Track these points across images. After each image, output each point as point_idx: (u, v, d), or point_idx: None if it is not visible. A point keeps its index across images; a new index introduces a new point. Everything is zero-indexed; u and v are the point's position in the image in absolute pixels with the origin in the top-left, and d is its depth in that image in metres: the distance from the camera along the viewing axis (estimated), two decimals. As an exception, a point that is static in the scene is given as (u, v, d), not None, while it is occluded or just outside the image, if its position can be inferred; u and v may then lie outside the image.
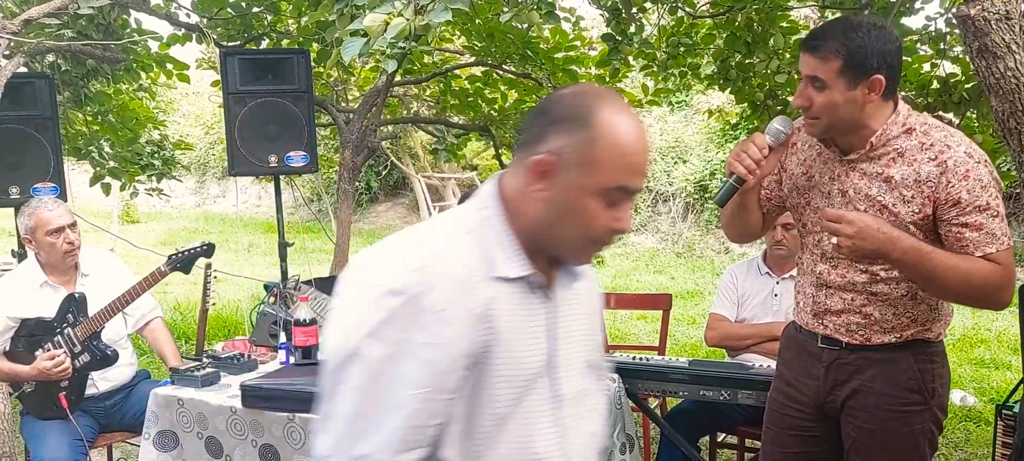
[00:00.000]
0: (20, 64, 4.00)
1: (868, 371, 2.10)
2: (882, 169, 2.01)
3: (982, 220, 1.93)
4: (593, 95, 1.27)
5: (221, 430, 2.76)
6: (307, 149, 4.63)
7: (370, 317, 1.19)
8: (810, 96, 1.99)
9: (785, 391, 2.28)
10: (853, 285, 2.08)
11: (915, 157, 1.97)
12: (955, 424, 4.55)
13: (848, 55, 1.92)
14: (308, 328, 3.04)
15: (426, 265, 1.20)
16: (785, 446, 2.29)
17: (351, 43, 2.07)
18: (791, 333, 2.32)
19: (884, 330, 2.07)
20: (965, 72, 4.30)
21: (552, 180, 1.24)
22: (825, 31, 2.00)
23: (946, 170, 1.94)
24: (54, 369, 3.06)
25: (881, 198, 2.00)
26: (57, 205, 3.28)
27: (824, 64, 1.94)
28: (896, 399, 2.08)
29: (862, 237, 1.92)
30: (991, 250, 1.94)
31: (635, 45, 4.45)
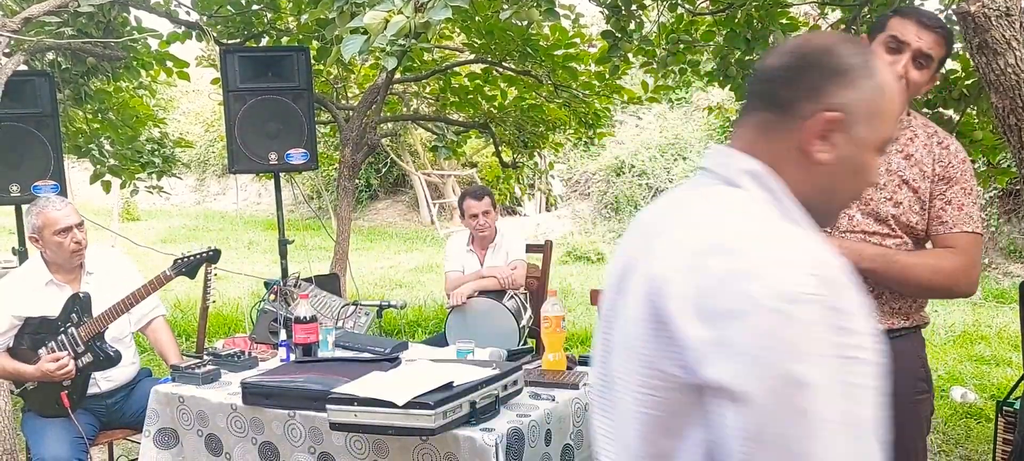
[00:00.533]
0: (20, 62, 4.00)
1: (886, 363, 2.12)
2: (902, 147, 2.10)
3: (964, 201, 2.06)
4: (861, 44, 1.16)
5: (221, 428, 2.76)
6: (307, 146, 4.64)
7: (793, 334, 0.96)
8: (908, 73, 2.00)
9: None
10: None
11: (926, 140, 2.10)
12: (955, 421, 4.55)
13: (947, 48, 2.04)
14: (308, 325, 3.05)
15: (816, 262, 1.00)
16: None
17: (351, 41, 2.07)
18: None
19: (894, 311, 2.11)
20: (965, 68, 4.30)
21: (840, 136, 1.11)
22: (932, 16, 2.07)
23: (949, 151, 2.08)
24: (57, 371, 3.06)
25: (901, 172, 2.08)
26: (65, 204, 3.27)
27: (937, 45, 2.01)
28: (910, 388, 2.11)
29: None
30: (967, 229, 2.04)
31: (635, 42, 4.45)
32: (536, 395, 2.66)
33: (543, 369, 2.89)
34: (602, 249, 11.89)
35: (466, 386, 2.35)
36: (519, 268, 4.27)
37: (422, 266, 11.16)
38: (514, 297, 4.20)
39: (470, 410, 2.34)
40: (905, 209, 2.07)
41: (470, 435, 2.30)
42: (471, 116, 6.48)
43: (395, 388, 2.31)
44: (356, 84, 6.92)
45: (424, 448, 2.38)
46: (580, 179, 14.49)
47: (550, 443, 2.54)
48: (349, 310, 3.81)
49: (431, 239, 14.23)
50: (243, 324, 6.95)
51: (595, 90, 5.91)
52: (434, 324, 7.07)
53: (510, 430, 2.34)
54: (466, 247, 4.42)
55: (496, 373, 2.48)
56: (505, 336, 3.98)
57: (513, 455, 2.33)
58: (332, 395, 2.35)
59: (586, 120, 6.31)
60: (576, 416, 2.67)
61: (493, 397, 2.44)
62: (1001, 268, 9.03)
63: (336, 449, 2.52)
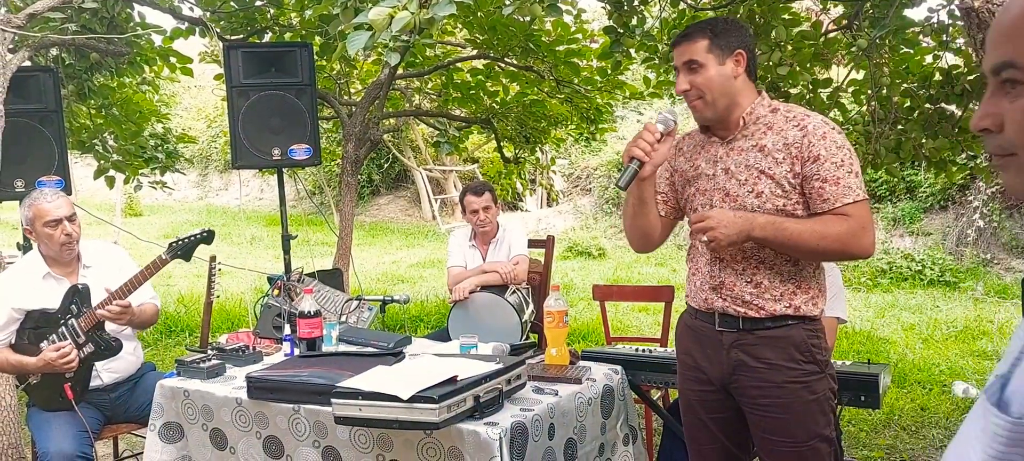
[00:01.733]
0: (25, 58, 4.01)
1: (766, 348, 2.27)
2: (756, 141, 2.27)
3: (839, 175, 2.17)
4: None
5: (226, 422, 2.77)
6: (310, 142, 4.65)
7: None
8: (690, 79, 2.26)
9: (694, 377, 2.44)
10: (743, 252, 2.28)
11: (782, 127, 2.25)
12: (957, 416, 4.56)
13: (713, 35, 2.24)
14: (312, 320, 3.06)
15: None
16: (711, 431, 2.44)
17: (356, 36, 2.08)
18: (686, 322, 2.48)
19: (774, 297, 2.27)
20: (967, 64, 4.30)
21: None
22: (689, 26, 2.35)
23: (807, 133, 2.21)
24: (60, 360, 3.08)
25: (758, 164, 2.26)
26: (56, 197, 3.28)
27: (695, 45, 2.24)
28: (797, 371, 2.26)
29: (723, 226, 2.19)
30: (848, 200, 2.17)
31: (637, 37, 4.45)
32: (539, 390, 2.67)
33: (546, 364, 2.90)
34: (603, 244, 11.90)
35: (470, 380, 2.37)
36: (521, 263, 4.28)
37: (424, 261, 11.18)
38: (516, 292, 4.22)
39: (474, 404, 2.36)
40: (768, 197, 2.23)
41: (474, 429, 2.32)
42: (473, 112, 6.49)
43: (399, 382, 2.32)
44: (358, 80, 6.93)
45: (428, 442, 2.39)
46: (581, 175, 14.49)
47: (553, 437, 2.55)
48: (352, 305, 3.83)
49: (433, 234, 14.24)
50: (246, 319, 6.97)
51: (597, 86, 5.91)
52: (437, 319, 7.09)
53: (514, 424, 2.36)
54: (468, 242, 4.43)
55: (499, 367, 2.49)
56: (507, 331, 4.00)
57: (516, 449, 2.35)
58: (337, 389, 2.37)
59: (588, 116, 6.31)
60: (579, 411, 2.68)
61: (497, 391, 2.45)
62: (1003, 263, 9.02)
63: (341, 443, 2.54)
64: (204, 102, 19.36)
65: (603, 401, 2.83)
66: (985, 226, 9.25)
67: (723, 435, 2.43)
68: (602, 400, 2.82)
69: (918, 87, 4.47)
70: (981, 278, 8.62)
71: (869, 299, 7.94)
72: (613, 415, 2.89)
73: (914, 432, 4.34)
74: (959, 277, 8.64)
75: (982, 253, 9.16)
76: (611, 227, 13.05)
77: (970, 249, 9.23)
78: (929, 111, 4.42)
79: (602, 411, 2.82)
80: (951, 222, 9.69)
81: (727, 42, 2.24)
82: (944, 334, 6.49)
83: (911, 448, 4.12)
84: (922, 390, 5.03)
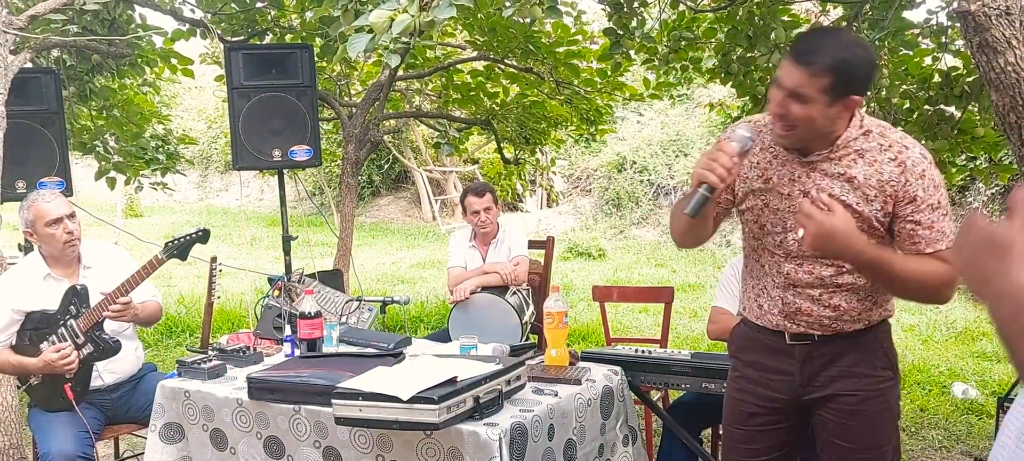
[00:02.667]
0: (26, 60, 4.02)
1: (844, 358, 2.16)
2: (844, 169, 2.05)
3: (934, 218, 2.01)
4: None
5: (226, 422, 2.78)
6: (311, 143, 4.66)
7: None
8: (789, 107, 1.97)
9: (751, 390, 2.30)
10: (821, 280, 2.12)
11: (875, 158, 2.03)
12: (957, 417, 4.57)
13: (837, 76, 1.92)
14: (313, 321, 3.07)
15: None
16: (754, 442, 2.33)
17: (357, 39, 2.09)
18: (747, 333, 2.31)
19: (853, 319, 2.14)
20: (966, 66, 4.31)
21: None
22: (817, 46, 1.96)
23: (905, 169, 2.01)
24: (60, 362, 3.09)
25: (844, 197, 2.04)
26: (55, 197, 3.30)
27: (813, 80, 1.92)
28: (874, 379, 2.17)
29: (826, 239, 1.95)
30: (941, 247, 2.01)
31: (637, 39, 4.47)
32: (539, 390, 2.68)
33: (546, 365, 2.91)
34: (603, 245, 11.91)
35: (470, 381, 2.37)
36: (521, 264, 4.29)
37: (424, 262, 11.19)
38: (516, 293, 4.23)
39: (474, 405, 2.36)
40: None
41: (474, 430, 2.32)
42: (473, 113, 6.50)
43: (399, 383, 2.33)
44: (359, 81, 6.94)
45: (428, 442, 2.40)
46: (581, 175, 14.51)
47: (553, 438, 2.56)
48: (353, 306, 3.84)
49: (433, 235, 14.25)
50: (246, 319, 6.98)
51: (597, 87, 5.93)
52: (437, 320, 7.09)
53: (513, 425, 2.36)
54: (469, 243, 4.44)
55: (499, 368, 2.50)
56: (508, 332, 4.00)
57: (516, 450, 2.35)
58: (337, 390, 2.37)
59: (588, 117, 6.33)
60: (578, 411, 2.69)
61: (496, 392, 2.46)
62: (1002, 265, 9.03)
63: (341, 443, 2.55)
64: (204, 103, 19.39)
65: (603, 402, 2.84)
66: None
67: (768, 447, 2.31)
68: (602, 401, 2.83)
69: (917, 89, 4.48)
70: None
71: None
72: (613, 416, 2.90)
73: (913, 433, 4.35)
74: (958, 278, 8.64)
75: (982, 254, 9.15)
76: (611, 228, 13.07)
77: (970, 250, 9.22)
78: (928, 113, 4.43)
79: (602, 412, 2.83)
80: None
81: (849, 86, 1.94)
82: (943, 335, 6.50)
83: (910, 449, 4.12)
84: (922, 391, 5.04)
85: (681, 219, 2.16)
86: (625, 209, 13.20)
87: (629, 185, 13.32)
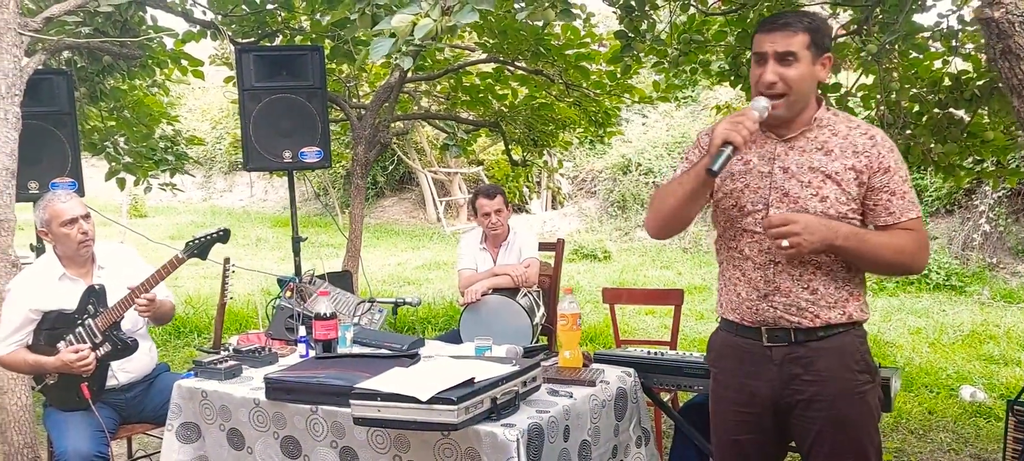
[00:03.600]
0: (41, 61, 4.04)
1: (821, 361, 2.19)
2: (821, 144, 2.18)
3: (905, 189, 2.15)
4: None
5: (243, 422, 2.80)
6: (321, 145, 4.68)
7: None
8: (780, 72, 2.11)
9: (734, 398, 2.32)
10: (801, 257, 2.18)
11: (847, 133, 2.18)
12: (965, 419, 4.58)
13: (813, 31, 2.11)
14: (328, 322, 3.08)
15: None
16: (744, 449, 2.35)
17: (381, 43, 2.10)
18: (726, 340, 2.35)
19: (829, 305, 2.18)
20: (977, 69, 4.32)
21: None
22: (786, 13, 2.18)
23: (876, 142, 2.15)
24: (77, 363, 3.11)
25: (823, 168, 2.16)
26: (70, 197, 3.33)
27: (793, 36, 2.09)
28: (852, 381, 2.19)
29: (809, 232, 2.07)
30: (912, 216, 2.15)
31: (647, 42, 4.47)
32: (554, 392, 2.70)
33: (560, 366, 2.93)
34: (609, 247, 11.92)
35: (487, 382, 2.39)
36: (532, 266, 4.31)
37: (430, 263, 11.21)
38: (527, 295, 4.24)
39: (491, 406, 2.38)
40: (833, 202, 2.14)
41: (491, 430, 2.34)
42: (482, 114, 6.52)
43: (418, 384, 2.35)
44: (367, 83, 6.96)
45: (445, 443, 2.42)
46: (586, 177, 14.52)
47: (568, 439, 2.57)
48: (364, 307, 3.86)
49: (438, 236, 14.27)
50: (254, 320, 7.00)
51: (606, 89, 5.94)
52: (444, 321, 7.11)
53: (530, 426, 2.38)
54: (479, 245, 4.45)
55: (516, 369, 2.52)
56: (519, 333, 4.02)
57: (533, 451, 2.37)
58: (356, 390, 2.39)
59: (596, 119, 6.34)
60: (593, 413, 2.70)
61: (513, 393, 2.48)
62: (1009, 268, 9.03)
63: (358, 444, 2.56)
64: (208, 104, 19.43)
65: (617, 403, 2.85)
66: (991, 230, 9.26)
67: (756, 456, 2.34)
68: (616, 402, 2.85)
69: (927, 92, 4.49)
70: (987, 282, 8.63)
71: (875, 303, 7.95)
72: (626, 417, 2.91)
73: (922, 435, 4.36)
74: (965, 281, 8.65)
75: (988, 257, 9.17)
76: (616, 230, 13.07)
77: (976, 253, 9.24)
78: (938, 116, 4.44)
79: (616, 413, 2.85)
80: (957, 226, 9.70)
81: (822, 41, 2.12)
82: (951, 338, 6.50)
83: (919, 451, 4.13)
84: (929, 394, 5.04)
85: (676, 196, 2.24)
86: (630, 211, 13.21)
87: (634, 187, 13.33)
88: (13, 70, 3.73)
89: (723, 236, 2.35)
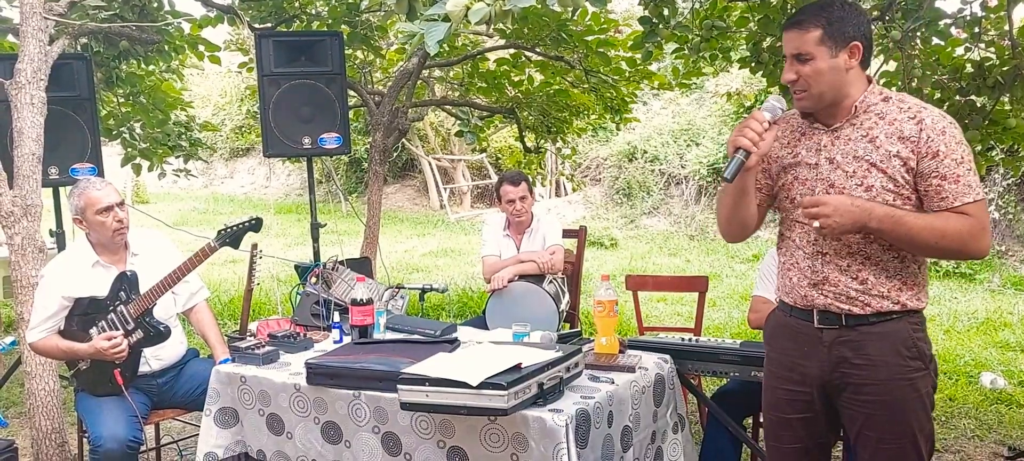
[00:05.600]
0: (64, 46, 4.01)
1: (871, 345, 2.19)
2: (866, 132, 2.16)
3: (959, 172, 2.08)
4: None
5: (284, 407, 2.80)
6: (340, 131, 4.67)
7: None
8: (797, 70, 2.13)
9: (786, 377, 2.34)
10: (849, 249, 2.18)
11: (895, 118, 2.13)
12: (986, 406, 4.60)
13: (828, 25, 2.09)
14: (365, 307, 3.08)
15: None
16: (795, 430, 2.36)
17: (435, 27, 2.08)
18: (780, 320, 2.37)
19: (880, 295, 2.17)
20: (1000, 56, 4.31)
21: None
22: (803, 10, 2.16)
23: (924, 127, 2.09)
24: (111, 350, 3.10)
25: (868, 156, 2.14)
26: (105, 185, 3.31)
27: (805, 35, 2.10)
28: (902, 367, 2.18)
29: (839, 214, 2.08)
30: (968, 200, 2.08)
31: (671, 28, 4.46)
32: (595, 377, 2.70)
33: (596, 353, 2.93)
34: (615, 235, 11.92)
35: (534, 367, 2.39)
36: (557, 253, 4.30)
37: (437, 251, 11.20)
38: (553, 281, 4.24)
39: (538, 391, 2.38)
40: (879, 191, 2.12)
41: (540, 416, 2.34)
42: (496, 101, 6.50)
43: (466, 369, 2.35)
44: (381, 69, 6.93)
45: (492, 428, 2.42)
46: (591, 164, 14.50)
47: (611, 425, 2.58)
48: (389, 293, 3.85)
49: (442, 224, 14.26)
50: (268, 306, 6.99)
51: (625, 76, 5.92)
52: (458, 308, 7.11)
53: (578, 411, 2.38)
54: (503, 232, 4.45)
55: (560, 355, 2.52)
56: (545, 319, 4.02)
57: (581, 436, 2.37)
58: (403, 376, 2.39)
59: (613, 105, 6.32)
60: (634, 399, 2.71)
61: (558, 379, 2.48)
62: (1018, 255, 9.06)
63: (401, 429, 2.56)
64: (210, 90, 19.34)
65: (655, 389, 2.86)
66: (1000, 218, 9.28)
67: (806, 435, 2.34)
68: (654, 388, 2.85)
69: (949, 79, 4.48)
70: (997, 270, 8.65)
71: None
72: (664, 403, 2.92)
73: (944, 422, 4.38)
74: (974, 268, 8.67)
75: (997, 245, 9.19)
76: (622, 217, 13.07)
77: (986, 239, 9.26)
78: (960, 103, 4.43)
79: (654, 399, 2.85)
80: (965, 214, 9.71)
81: (842, 32, 2.09)
82: (965, 326, 6.52)
83: (943, 438, 4.15)
84: (949, 381, 5.06)
85: (725, 203, 2.28)
86: (636, 198, 13.20)
87: (640, 174, 13.32)
88: (38, 55, 3.71)
89: (782, 224, 2.37)
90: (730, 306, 7.48)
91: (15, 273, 3.70)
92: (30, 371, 3.71)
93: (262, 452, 2.89)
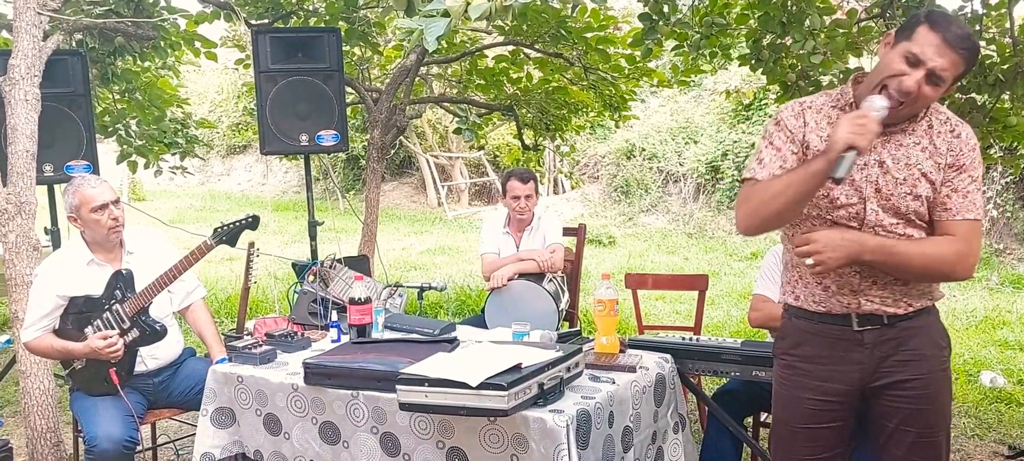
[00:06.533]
0: (59, 42, 3.97)
1: (912, 340, 2.17)
2: (918, 139, 2.12)
3: (970, 189, 2.10)
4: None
5: (281, 407, 2.77)
6: (338, 128, 4.64)
7: None
8: (924, 90, 2.00)
9: (818, 387, 2.25)
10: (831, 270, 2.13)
11: (940, 130, 2.13)
12: (986, 405, 4.58)
13: (968, 65, 2.02)
14: (363, 306, 3.05)
15: None
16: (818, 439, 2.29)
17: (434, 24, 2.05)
18: (805, 328, 2.27)
19: (921, 293, 2.16)
20: (1000, 54, 4.29)
21: None
22: (967, 34, 2.00)
23: (961, 140, 2.11)
24: (106, 349, 3.07)
25: (920, 165, 2.10)
26: (100, 182, 3.28)
27: (956, 66, 2.00)
28: (939, 357, 2.21)
29: (831, 249, 2.05)
30: (969, 216, 2.09)
31: (671, 25, 4.43)
32: (595, 377, 2.68)
33: (597, 352, 2.90)
34: (613, 232, 11.89)
35: (534, 368, 2.36)
36: (557, 251, 4.28)
37: (435, 248, 11.16)
38: (553, 280, 4.21)
39: (538, 391, 2.36)
40: (924, 201, 2.09)
41: (540, 416, 2.31)
42: (495, 98, 6.47)
43: (466, 369, 2.32)
44: (378, 66, 6.90)
45: (492, 429, 2.39)
46: (589, 162, 14.47)
47: (612, 425, 2.55)
48: (387, 292, 3.82)
49: (440, 221, 14.22)
50: (265, 305, 6.96)
51: (624, 73, 5.89)
52: (455, 306, 7.08)
53: (579, 412, 2.36)
54: (502, 229, 4.42)
55: (560, 355, 2.49)
56: (545, 318, 3.99)
57: (582, 437, 2.35)
58: (402, 376, 2.36)
59: (611, 102, 6.30)
60: (635, 399, 2.68)
61: (558, 379, 2.45)
62: (1016, 253, 9.05)
63: (400, 429, 2.53)
64: (205, 87, 19.28)
65: (656, 389, 2.83)
66: (998, 216, 9.27)
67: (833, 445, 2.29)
68: (655, 388, 2.83)
69: (950, 76, 4.46)
70: (995, 268, 8.64)
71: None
72: (664, 403, 2.89)
73: (944, 421, 4.36)
74: (972, 267, 8.66)
75: (995, 243, 9.18)
76: (620, 215, 13.04)
77: (983, 239, 9.26)
78: (960, 101, 4.42)
79: (655, 399, 2.83)
80: (963, 212, 9.71)
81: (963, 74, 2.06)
82: (964, 324, 6.51)
83: (943, 437, 4.13)
84: (948, 379, 5.04)
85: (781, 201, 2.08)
86: (634, 196, 13.18)
87: (638, 172, 13.30)
88: (33, 51, 3.67)
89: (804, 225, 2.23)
90: (729, 304, 7.46)
91: (9, 271, 3.67)
92: (25, 370, 3.67)
93: (259, 452, 2.86)
